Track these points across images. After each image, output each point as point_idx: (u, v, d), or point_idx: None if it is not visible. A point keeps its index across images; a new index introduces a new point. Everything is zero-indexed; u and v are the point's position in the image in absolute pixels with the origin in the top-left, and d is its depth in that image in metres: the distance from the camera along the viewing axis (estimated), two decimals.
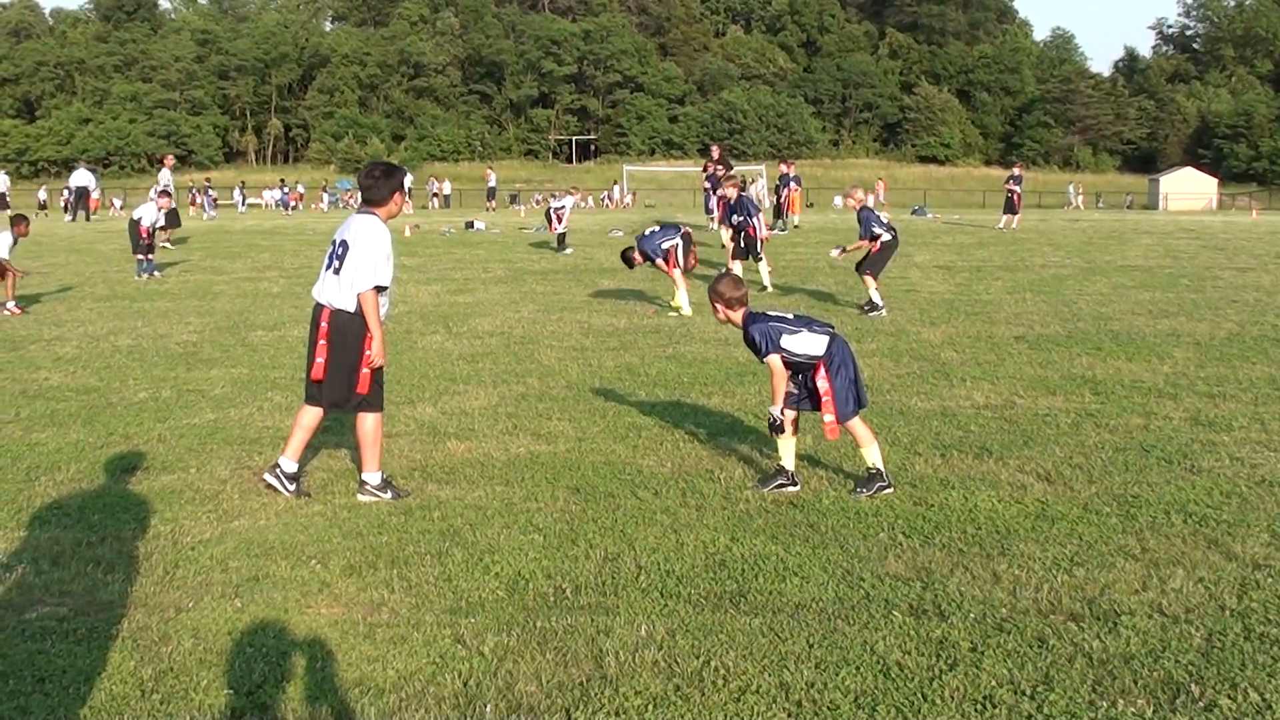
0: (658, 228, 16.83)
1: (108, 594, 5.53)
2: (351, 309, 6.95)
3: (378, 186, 7.23)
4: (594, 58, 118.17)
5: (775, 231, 32.52)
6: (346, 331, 6.99)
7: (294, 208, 67.65)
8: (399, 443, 8.38)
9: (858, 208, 16.60)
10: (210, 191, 54.60)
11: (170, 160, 31.29)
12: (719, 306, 7.29)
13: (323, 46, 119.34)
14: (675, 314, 15.43)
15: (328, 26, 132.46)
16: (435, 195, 69.97)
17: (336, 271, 6.97)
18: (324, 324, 7.05)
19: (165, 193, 23.49)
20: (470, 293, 18.10)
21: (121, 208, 64.94)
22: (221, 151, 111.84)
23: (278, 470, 7.28)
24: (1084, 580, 5.52)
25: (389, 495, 7.07)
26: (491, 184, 60.19)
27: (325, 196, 73.71)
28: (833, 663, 4.65)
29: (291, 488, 7.21)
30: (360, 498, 7.10)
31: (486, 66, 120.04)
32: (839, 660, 4.68)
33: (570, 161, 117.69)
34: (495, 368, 11.43)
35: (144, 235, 20.97)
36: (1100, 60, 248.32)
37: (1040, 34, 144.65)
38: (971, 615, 5.11)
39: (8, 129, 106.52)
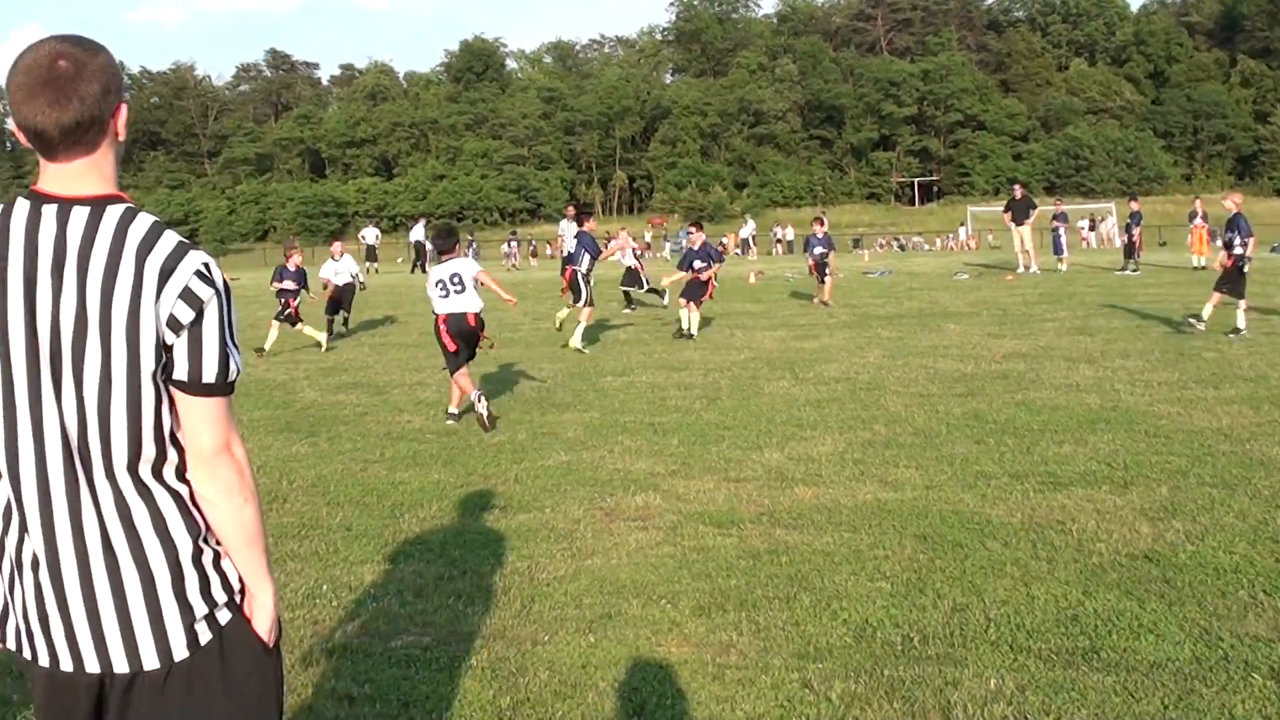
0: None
1: (468, 625, 5.84)
2: (480, 309, 11.85)
3: (446, 242, 12.46)
4: (934, 97, 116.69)
5: (1127, 273, 31.44)
6: (483, 321, 11.97)
7: (640, 256, 69.35)
8: (747, 487, 8.53)
9: (1234, 211, 16.38)
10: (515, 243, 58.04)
11: (570, 210, 31.79)
12: None
13: (664, 98, 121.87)
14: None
15: (668, 79, 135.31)
16: (779, 241, 70.49)
17: (460, 291, 11.74)
18: (473, 319, 11.77)
19: (336, 238, 24.47)
20: (815, 338, 18.18)
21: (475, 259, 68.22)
22: (570, 204, 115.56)
23: (453, 415, 11.77)
24: None
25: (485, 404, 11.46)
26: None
27: (667, 245, 75.16)
28: None
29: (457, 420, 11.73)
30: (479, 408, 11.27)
31: (826, 111, 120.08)
32: None
33: (913, 204, 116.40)
34: (841, 414, 11.46)
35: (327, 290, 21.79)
36: None
37: None
38: None
39: (368, 186, 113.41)
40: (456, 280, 11.80)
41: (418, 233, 49.36)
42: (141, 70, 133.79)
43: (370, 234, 53.45)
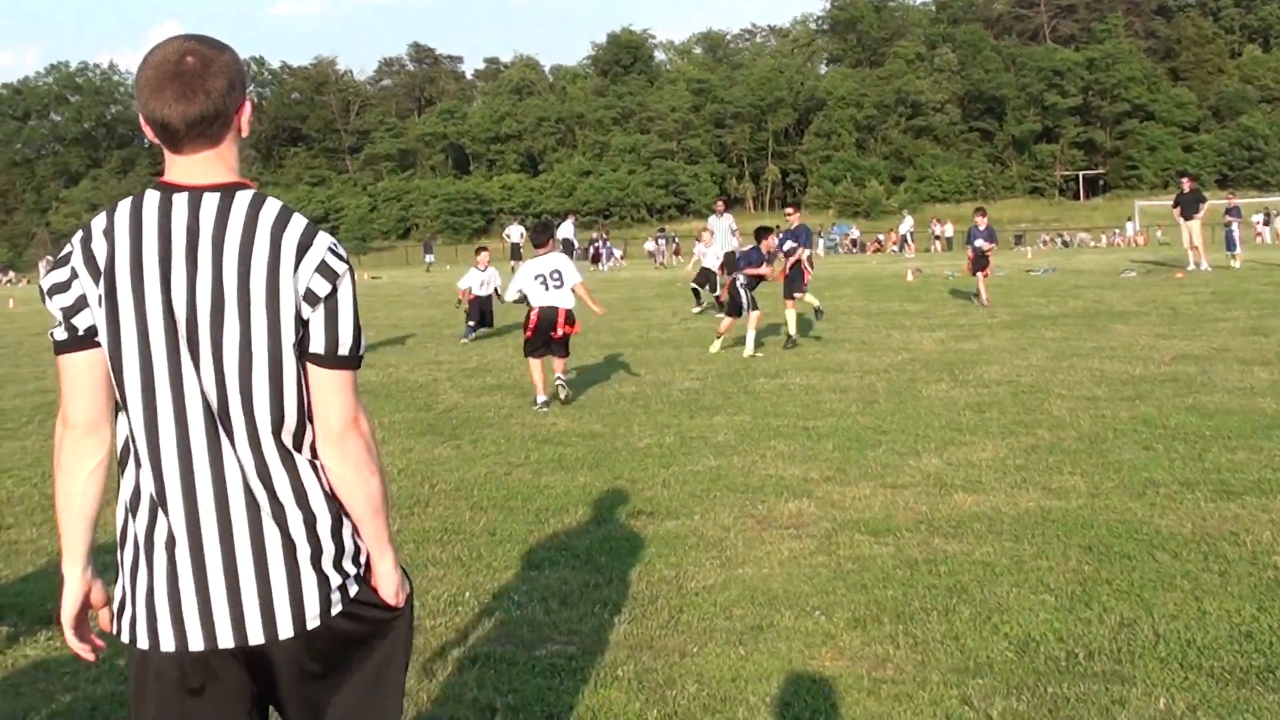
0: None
1: (614, 635, 5.78)
2: (572, 305, 13.03)
3: (541, 236, 13.71)
4: (1099, 87, 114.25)
5: None
6: (575, 316, 13.08)
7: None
8: (904, 494, 8.39)
9: None
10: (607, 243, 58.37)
11: (720, 206, 31.43)
12: None
13: (818, 90, 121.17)
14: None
15: (822, 69, 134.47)
16: (937, 238, 69.52)
17: (559, 287, 12.88)
18: (564, 315, 12.86)
19: (482, 248, 24.03)
20: (976, 339, 17.89)
21: (622, 257, 68.14)
22: (719, 199, 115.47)
23: (542, 402, 12.66)
24: None
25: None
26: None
27: (821, 242, 74.61)
28: None
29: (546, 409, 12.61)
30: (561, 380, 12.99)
31: (986, 102, 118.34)
32: None
33: (1077, 198, 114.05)
34: (1003, 418, 11.21)
35: (461, 298, 21.70)
36: None
37: None
38: None
39: (513, 183, 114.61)
40: (556, 276, 12.92)
41: (565, 230, 49.90)
42: (283, 65, 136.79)
43: (515, 231, 53.89)
